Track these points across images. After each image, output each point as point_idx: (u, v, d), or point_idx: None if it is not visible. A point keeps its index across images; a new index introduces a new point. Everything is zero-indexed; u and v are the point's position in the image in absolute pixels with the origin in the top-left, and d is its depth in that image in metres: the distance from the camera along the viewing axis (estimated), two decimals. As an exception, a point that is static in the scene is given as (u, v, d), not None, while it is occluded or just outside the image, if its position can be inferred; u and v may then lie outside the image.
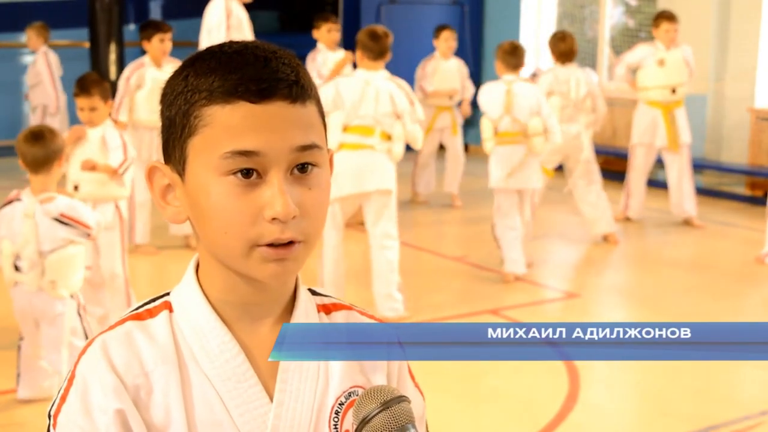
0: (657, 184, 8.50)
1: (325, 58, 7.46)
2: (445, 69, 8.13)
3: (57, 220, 3.67)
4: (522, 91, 5.73)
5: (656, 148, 7.31)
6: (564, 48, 6.45)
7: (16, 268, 3.70)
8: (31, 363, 3.88)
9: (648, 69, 7.21)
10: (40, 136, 3.70)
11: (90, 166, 4.49)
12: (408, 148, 5.22)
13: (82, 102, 4.53)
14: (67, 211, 3.70)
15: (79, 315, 3.81)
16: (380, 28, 5.03)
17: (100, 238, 4.49)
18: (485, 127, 5.79)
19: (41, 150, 3.66)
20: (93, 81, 4.58)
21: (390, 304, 5.07)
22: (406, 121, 4.88)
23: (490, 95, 5.79)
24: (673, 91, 7.17)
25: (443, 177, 8.41)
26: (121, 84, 6.27)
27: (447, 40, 8.16)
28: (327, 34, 7.62)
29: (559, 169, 6.89)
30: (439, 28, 8.33)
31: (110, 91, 4.69)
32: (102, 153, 4.55)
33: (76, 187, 4.54)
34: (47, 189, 3.71)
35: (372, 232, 5.06)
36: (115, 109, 6.05)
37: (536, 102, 5.71)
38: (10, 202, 3.74)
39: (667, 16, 7.22)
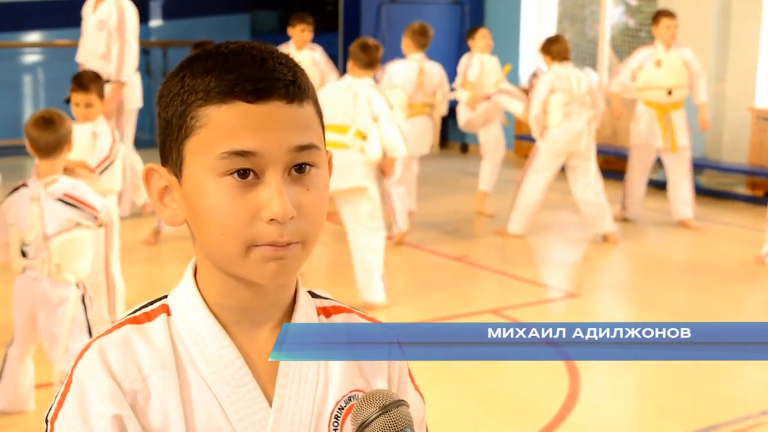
0: (657, 184, 8.50)
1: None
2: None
3: (61, 200, 3.63)
4: (431, 69, 6.75)
5: (654, 148, 7.30)
6: (559, 48, 6.71)
7: (24, 254, 3.65)
8: (14, 372, 3.77)
9: (646, 70, 7.21)
10: (50, 121, 3.68)
11: (69, 169, 4.38)
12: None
13: (77, 97, 4.55)
14: (71, 191, 3.67)
15: (84, 305, 3.72)
16: (372, 41, 5.40)
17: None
18: (401, 98, 6.41)
19: (52, 135, 3.65)
20: (91, 78, 4.62)
21: (371, 290, 5.18)
22: (382, 123, 5.07)
23: (404, 72, 6.66)
24: (669, 93, 7.15)
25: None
26: None
27: None
28: (300, 33, 8.08)
29: (562, 170, 6.89)
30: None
31: (104, 88, 4.81)
32: (91, 148, 4.55)
33: None
34: (54, 173, 3.69)
35: (352, 228, 5.19)
36: None
37: (440, 79, 6.76)
38: (16, 189, 3.71)
39: (667, 13, 7.22)
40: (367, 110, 5.09)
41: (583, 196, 6.76)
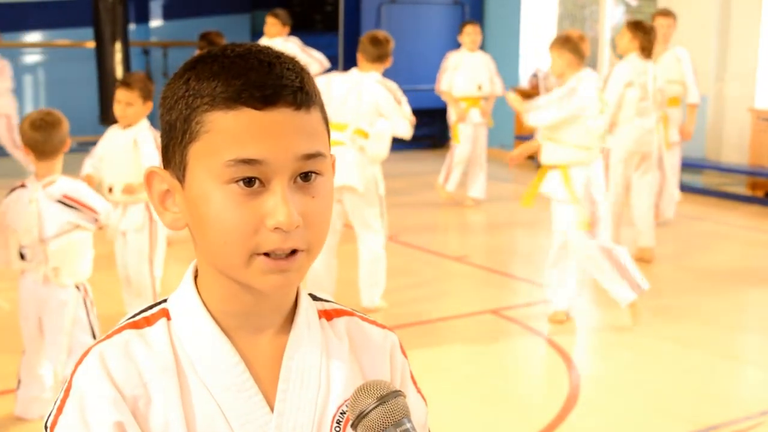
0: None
1: None
2: (470, 62, 8.15)
3: (60, 202, 3.57)
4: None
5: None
6: (648, 40, 6.03)
7: (22, 257, 3.61)
8: (30, 377, 3.75)
9: None
10: (48, 123, 3.61)
11: (130, 191, 4.42)
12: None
13: (120, 94, 4.44)
14: (71, 193, 3.60)
15: (86, 307, 3.68)
16: (382, 34, 5.15)
17: (128, 240, 4.45)
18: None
19: (48, 137, 3.58)
20: (138, 78, 4.52)
21: (369, 295, 5.15)
22: (393, 121, 4.95)
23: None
24: None
25: (466, 179, 8.32)
26: None
27: (469, 35, 8.24)
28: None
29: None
30: (463, 24, 8.46)
31: (153, 93, 4.56)
32: (134, 155, 4.42)
33: (110, 189, 4.46)
34: (52, 174, 3.62)
35: (355, 227, 5.14)
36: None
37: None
38: (14, 189, 3.66)
39: (663, 13, 7.17)
40: (373, 108, 4.92)
41: (636, 203, 6.44)
